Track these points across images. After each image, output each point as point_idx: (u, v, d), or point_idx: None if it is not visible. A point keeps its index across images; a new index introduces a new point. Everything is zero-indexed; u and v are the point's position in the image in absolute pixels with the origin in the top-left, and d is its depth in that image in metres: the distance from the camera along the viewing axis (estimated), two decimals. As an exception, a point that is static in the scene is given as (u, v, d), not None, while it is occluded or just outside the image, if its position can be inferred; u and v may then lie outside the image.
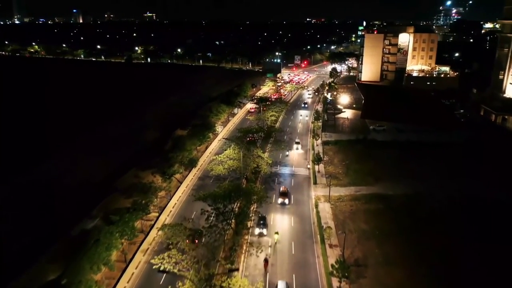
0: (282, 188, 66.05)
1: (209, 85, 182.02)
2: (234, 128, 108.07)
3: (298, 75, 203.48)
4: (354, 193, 66.72)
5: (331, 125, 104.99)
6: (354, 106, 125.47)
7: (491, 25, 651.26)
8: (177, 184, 70.75)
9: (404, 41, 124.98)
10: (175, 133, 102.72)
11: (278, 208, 62.28)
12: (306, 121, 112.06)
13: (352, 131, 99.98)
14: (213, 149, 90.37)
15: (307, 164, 75.46)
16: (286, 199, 63.37)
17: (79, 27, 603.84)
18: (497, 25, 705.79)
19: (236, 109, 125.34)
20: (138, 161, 79.85)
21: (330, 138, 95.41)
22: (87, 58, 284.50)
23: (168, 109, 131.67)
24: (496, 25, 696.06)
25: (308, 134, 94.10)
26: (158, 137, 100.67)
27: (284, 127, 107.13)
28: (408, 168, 76.83)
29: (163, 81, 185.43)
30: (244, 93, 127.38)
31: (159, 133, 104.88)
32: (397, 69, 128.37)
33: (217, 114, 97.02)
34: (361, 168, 76.90)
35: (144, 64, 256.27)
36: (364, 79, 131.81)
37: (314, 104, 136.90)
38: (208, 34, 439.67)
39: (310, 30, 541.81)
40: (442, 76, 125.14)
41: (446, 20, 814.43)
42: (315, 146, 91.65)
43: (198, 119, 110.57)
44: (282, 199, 63.22)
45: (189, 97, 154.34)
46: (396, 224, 56.46)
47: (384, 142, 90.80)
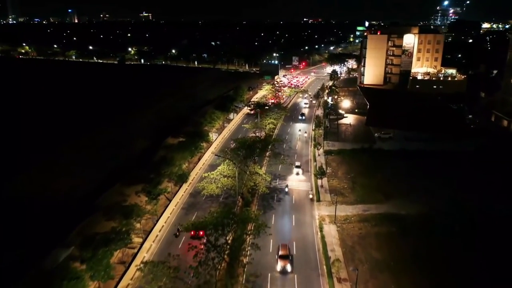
0: (281, 251, 47.06)
1: (204, 87, 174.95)
2: (229, 136, 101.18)
3: (296, 77, 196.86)
4: (363, 213, 59.97)
5: (334, 132, 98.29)
6: (356, 110, 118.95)
7: (488, 25, 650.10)
8: (166, 202, 63.78)
9: (409, 43, 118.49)
10: (166, 141, 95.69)
11: (278, 230, 55.47)
12: (305, 138, 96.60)
13: (356, 139, 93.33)
14: (206, 160, 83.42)
15: (309, 194, 65.66)
16: (288, 264, 45.68)
17: (72, 27, 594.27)
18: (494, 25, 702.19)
19: (232, 114, 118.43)
20: (124, 174, 72.85)
21: (333, 147, 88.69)
22: (79, 59, 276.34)
23: (160, 114, 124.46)
24: (493, 25, 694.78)
25: (308, 153, 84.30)
26: (148, 146, 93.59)
27: (283, 134, 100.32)
28: (419, 181, 70.15)
29: (156, 84, 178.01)
30: (240, 97, 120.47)
31: (149, 141, 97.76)
32: (402, 72, 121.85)
33: (211, 122, 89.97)
34: (368, 182, 70.16)
35: (137, 65, 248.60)
36: (367, 82, 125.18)
37: (314, 108, 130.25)
38: (204, 35, 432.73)
39: (307, 30, 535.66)
40: (449, 79, 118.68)
41: (443, 20, 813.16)
42: (316, 156, 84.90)
43: (191, 125, 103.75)
44: (282, 264, 45.48)
45: (183, 101, 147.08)
46: (412, 252, 49.70)
47: (391, 152, 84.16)
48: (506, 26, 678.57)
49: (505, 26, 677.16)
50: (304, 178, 73.69)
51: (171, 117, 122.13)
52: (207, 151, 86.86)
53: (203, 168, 79.32)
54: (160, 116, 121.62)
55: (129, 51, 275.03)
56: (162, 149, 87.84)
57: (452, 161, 78.44)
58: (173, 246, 51.46)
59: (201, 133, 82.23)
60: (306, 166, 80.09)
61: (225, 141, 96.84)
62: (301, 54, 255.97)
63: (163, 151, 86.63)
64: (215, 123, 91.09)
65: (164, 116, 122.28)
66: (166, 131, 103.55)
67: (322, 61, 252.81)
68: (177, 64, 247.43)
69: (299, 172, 73.55)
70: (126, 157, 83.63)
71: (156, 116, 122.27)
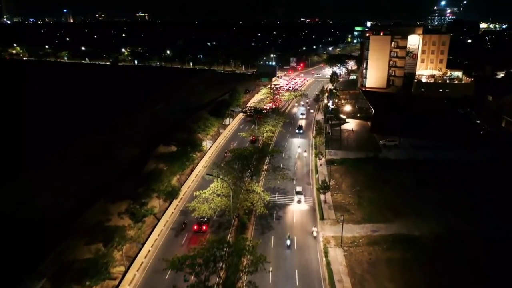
0: None
1: (199, 90, 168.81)
2: (225, 143, 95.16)
3: (294, 78, 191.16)
4: (372, 234, 54.15)
5: (336, 139, 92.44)
6: (358, 115, 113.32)
7: (485, 25, 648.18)
8: (153, 222, 57.67)
9: (413, 44, 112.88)
10: (156, 150, 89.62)
11: (278, 255, 49.56)
12: (305, 158, 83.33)
13: (359, 147, 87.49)
14: (200, 171, 77.32)
15: (313, 232, 54.80)
16: None
17: (66, 27, 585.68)
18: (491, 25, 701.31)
19: (227, 120, 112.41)
20: (109, 189, 66.71)
21: (335, 156, 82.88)
22: (71, 60, 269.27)
23: (152, 119, 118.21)
24: (490, 25, 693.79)
25: (309, 174, 76.17)
26: (137, 155, 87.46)
27: (282, 141, 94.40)
28: (430, 195, 64.53)
29: (150, 86, 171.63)
30: (237, 102, 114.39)
31: (139, 149, 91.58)
32: (406, 74, 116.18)
33: (204, 129, 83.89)
34: (375, 197, 64.39)
35: (131, 67, 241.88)
36: (369, 85, 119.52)
37: (313, 113, 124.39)
38: (200, 35, 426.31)
39: (305, 30, 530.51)
40: (456, 82, 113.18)
41: (440, 20, 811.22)
42: (318, 166, 79.04)
43: (185, 131, 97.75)
44: None
45: (177, 104, 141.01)
46: (430, 283, 43.95)
47: (398, 162, 78.41)
48: (503, 26, 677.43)
49: (502, 26, 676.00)
50: (305, 195, 67.71)
51: (164, 122, 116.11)
52: (200, 161, 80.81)
53: (195, 180, 73.27)
54: (152, 121, 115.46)
55: (123, 52, 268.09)
56: (152, 160, 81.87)
57: (465, 172, 72.74)
58: (160, 279, 45.38)
59: (193, 142, 76.09)
60: (307, 177, 74.32)
61: (220, 149, 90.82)
62: (299, 55, 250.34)
63: (153, 162, 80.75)
64: (209, 131, 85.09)
65: (156, 121, 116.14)
66: (158, 138, 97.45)
67: (320, 62, 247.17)
68: (172, 65, 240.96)
69: (301, 199, 62.88)
70: (113, 168, 77.41)
71: (148, 121, 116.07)
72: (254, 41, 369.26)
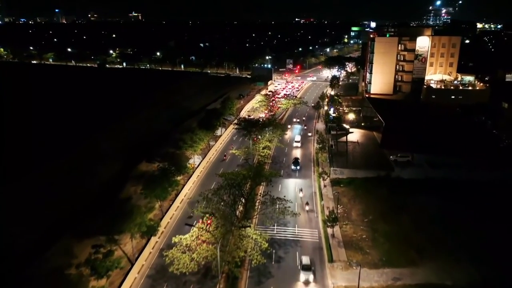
0: None
1: (190, 95, 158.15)
2: (216, 158, 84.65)
3: (291, 82, 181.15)
4: (393, 283, 44.03)
5: (340, 154, 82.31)
6: (363, 124, 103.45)
7: (480, 25, 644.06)
8: (127, 266, 47.05)
9: (422, 46, 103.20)
10: (138, 168, 79.03)
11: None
12: (309, 209, 61.93)
13: (367, 163, 77.33)
14: (185, 195, 66.83)
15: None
16: None
17: (55, 27, 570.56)
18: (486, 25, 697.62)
19: (219, 130, 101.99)
20: (76, 221, 56.06)
21: (342, 175, 72.77)
22: (56, 62, 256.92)
23: (137, 129, 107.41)
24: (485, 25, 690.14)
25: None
26: (116, 174, 76.79)
27: (280, 156, 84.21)
28: (458, 228, 54.64)
29: (138, 90, 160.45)
30: (230, 110, 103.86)
31: (119, 166, 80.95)
32: (414, 79, 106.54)
33: (192, 145, 73.30)
34: (392, 229, 54.41)
35: (119, 69, 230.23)
36: (374, 91, 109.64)
37: (314, 121, 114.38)
38: (193, 36, 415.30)
39: (300, 30, 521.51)
40: (469, 88, 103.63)
41: (436, 20, 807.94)
42: (322, 187, 68.93)
43: (171, 145, 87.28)
44: None
45: (166, 111, 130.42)
46: None
47: (414, 183, 68.42)
48: (498, 26, 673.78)
49: (497, 26, 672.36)
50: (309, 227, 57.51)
51: (150, 132, 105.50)
52: (188, 182, 70.22)
53: (180, 207, 62.71)
54: (137, 131, 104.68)
55: (111, 53, 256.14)
56: (131, 181, 71.23)
57: (496, 199, 62.67)
58: None
59: (179, 161, 65.57)
60: (310, 202, 64.09)
61: (211, 166, 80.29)
62: (295, 56, 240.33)
63: (132, 184, 70.17)
64: (198, 147, 74.57)
65: (141, 131, 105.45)
66: (141, 152, 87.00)
67: (318, 63, 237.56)
68: (162, 67, 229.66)
69: (310, 279, 44.30)
70: (85, 193, 66.68)
71: (132, 132, 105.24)
72: (248, 42, 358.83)
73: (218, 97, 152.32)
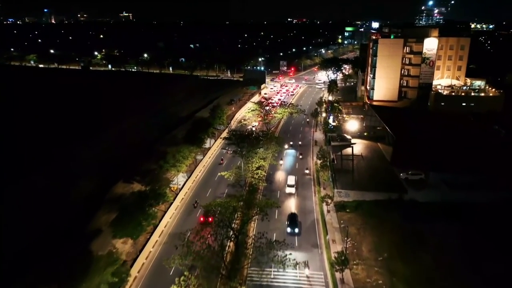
0: None
1: (178, 100, 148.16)
2: (203, 178, 74.63)
3: (286, 85, 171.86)
4: None
5: (344, 171, 72.83)
6: (366, 134, 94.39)
7: (472, 25, 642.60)
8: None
9: (430, 48, 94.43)
10: (113, 189, 68.93)
11: None
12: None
13: (375, 182, 67.92)
14: (167, 225, 57.03)
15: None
16: None
17: (41, 27, 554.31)
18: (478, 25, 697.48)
19: (208, 141, 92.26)
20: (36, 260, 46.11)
21: (347, 198, 63.50)
22: (38, 64, 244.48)
23: (118, 140, 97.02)
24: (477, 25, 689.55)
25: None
26: (87, 198, 66.64)
27: (275, 173, 74.71)
28: (488, 266, 45.81)
29: (122, 95, 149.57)
30: (219, 120, 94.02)
31: (91, 187, 70.78)
32: (421, 85, 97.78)
33: (175, 165, 63.32)
34: (412, 271, 45.33)
35: (104, 72, 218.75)
36: (377, 97, 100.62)
37: (312, 129, 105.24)
38: (183, 36, 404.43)
39: (293, 30, 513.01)
40: (482, 95, 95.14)
41: (428, 20, 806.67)
42: (325, 213, 59.68)
43: (155, 158, 77.44)
44: None
45: (151, 118, 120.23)
46: None
47: (431, 207, 59.30)
48: (490, 26, 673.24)
49: (489, 26, 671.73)
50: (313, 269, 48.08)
51: (134, 142, 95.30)
52: (169, 209, 60.36)
53: (159, 242, 52.88)
54: (119, 142, 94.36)
55: (96, 55, 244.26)
56: (104, 208, 61.18)
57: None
58: None
59: (159, 185, 55.54)
60: (312, 233, 54.86)
61: (198, 187, 70.38)
62: (289, 57, 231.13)
63: (104, 212, 60.15)
64: (181, 166, 64.66)
65: (123, 142, 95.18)
66: (120, 167, 77.02)
67: (312, 65, 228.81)
68: (149, 70, 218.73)
69: None
70: (48, 225, 56.44)
71: (113, 143, 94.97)
72: (240, 42, 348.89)
73: (208, 102, 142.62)
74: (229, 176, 61.58)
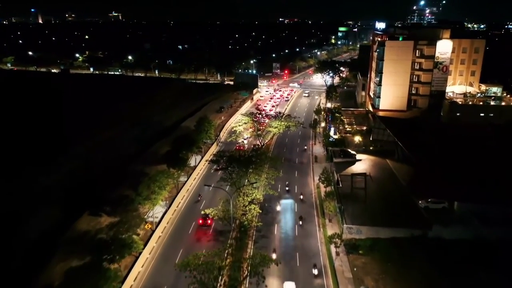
0: None
1: (163, 107, 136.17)
2: (186, 208, 62.96)
3: (280, 89, 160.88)
4: None
5: (352, 197, 61.62)
6: (371, 148, 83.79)
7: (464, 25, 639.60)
8: None
9: (444, 52, 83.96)
10: (75, 225, 56.98)
11: None
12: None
13: (390, 213, 56.80)
14: (136, 279, 45.34)
15: None
16: None
17: (24, 28, 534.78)
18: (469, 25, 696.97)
19: (193, 158, 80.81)
20: None
21: (359, 235, 52.54)
22: (15, 67, 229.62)
23: (88, 159, 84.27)
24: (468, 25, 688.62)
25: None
26: (42, 236, 54.66)
27: (271, 199, 63.40)
28: None
29: (99, 103, 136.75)
30: (206, 134, 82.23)
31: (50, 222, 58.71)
32: (433, 92, 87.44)
33: (149, 198, 51.49)
34: None
35: (85, 75, 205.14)
36: (384, 106, 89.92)
37: (310, 142, 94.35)
38: (172, 37, 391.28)
39: (285, 31, 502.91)
40: (503, 103, 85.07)
41: (419, 20, 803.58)
42: (333, 256, 48.69)
43: (130, 181, 65.98)
44: None
45: (130, 130, 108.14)
46: None
47: (463, 247, 48.69)
48: (481, 26, 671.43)
49: (480, 26, 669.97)
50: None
51: (106, 161, 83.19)
52: (141, 254, 48.66)
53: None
54: (88, 163, 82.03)
55: (77, 57, 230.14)
56: (61, 253, 49.28)
57: None
58: None
59: (123, 239, 43.54)
60: (320, 287, 43.80)
61: (179, 221, 58.64)
62: (282, 59, 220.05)
63: (61, 258, 48.28)
64: (158, 197, 52.90)
65: (94, 161, 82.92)
66: (88, 194, 65.13)
67: (307, 67, 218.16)
68: (133, 73, 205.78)
69: None
70: None
71: (84, 160, 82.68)
72: (231, 43, 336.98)
73: (195, 109, 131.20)
74: (215, 214, 49.88)
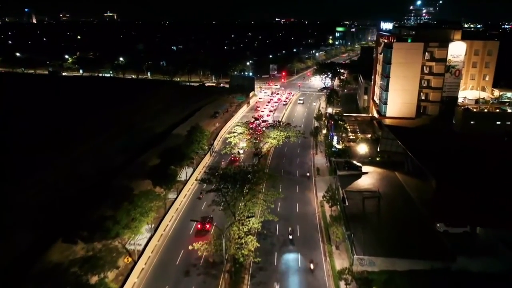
0: None
1: (153, 112, 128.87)
2: (174, 232, 55.67)
3: (277, 93, 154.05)
4: None
5: (361, 219, 54.72)
6: (378, 159, 77.04)
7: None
8: None
9: (457, 54, 77.45)
10: (46, 255, 49.55)
11: None
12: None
13: (405, 239, 49.95)
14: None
15: None
16: None
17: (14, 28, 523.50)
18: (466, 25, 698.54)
19: (184, 172, 73.70)
20: None
21: (372, 267, 45.60)
22: (5, 69, 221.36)
23: (67, 173, 76.74)
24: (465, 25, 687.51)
25: None
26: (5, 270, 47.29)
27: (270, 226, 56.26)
28: None
29: (86, 109, 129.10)
30: (199, 145, 74.93)
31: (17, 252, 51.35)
32: (444, 98, 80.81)
33: (128, 226, 44.21)
34: None
35: (74, 78, 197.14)
36: (391, 114, 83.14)
37: (311, 151, 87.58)
38: (166, 37, 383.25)
39: (281, 31, 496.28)
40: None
41: (416, 20, 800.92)
42: (344, 294, 41.70)
43: (112, 200, 58.57)
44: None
45: (118, 138, 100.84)
46: None
47: (491, 279, 41.95)
48: (478, 26, 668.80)
49: (477, 26, 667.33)
50: None
51: (86, 176, 75.47)
52: None
53: None
54: (67, 178, 74.51)
55: (66, 58, 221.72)
56: None
57: None
58: None
59: (95, 286, 36.44)
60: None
61: (165, 249, 51.33)
62: (279, 60, 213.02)
63: None
64: (140, 225, 45.65)
65: (74, 176, 75.46)
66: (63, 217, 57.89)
67: (305, 69, 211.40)
68: (125, 75, 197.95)
69: None
70: None
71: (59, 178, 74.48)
72: (227, 44, 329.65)
73: (188, 114, 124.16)
74: (204, 249, 42.48)
